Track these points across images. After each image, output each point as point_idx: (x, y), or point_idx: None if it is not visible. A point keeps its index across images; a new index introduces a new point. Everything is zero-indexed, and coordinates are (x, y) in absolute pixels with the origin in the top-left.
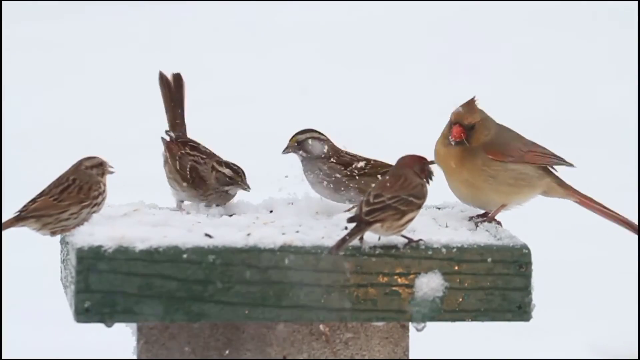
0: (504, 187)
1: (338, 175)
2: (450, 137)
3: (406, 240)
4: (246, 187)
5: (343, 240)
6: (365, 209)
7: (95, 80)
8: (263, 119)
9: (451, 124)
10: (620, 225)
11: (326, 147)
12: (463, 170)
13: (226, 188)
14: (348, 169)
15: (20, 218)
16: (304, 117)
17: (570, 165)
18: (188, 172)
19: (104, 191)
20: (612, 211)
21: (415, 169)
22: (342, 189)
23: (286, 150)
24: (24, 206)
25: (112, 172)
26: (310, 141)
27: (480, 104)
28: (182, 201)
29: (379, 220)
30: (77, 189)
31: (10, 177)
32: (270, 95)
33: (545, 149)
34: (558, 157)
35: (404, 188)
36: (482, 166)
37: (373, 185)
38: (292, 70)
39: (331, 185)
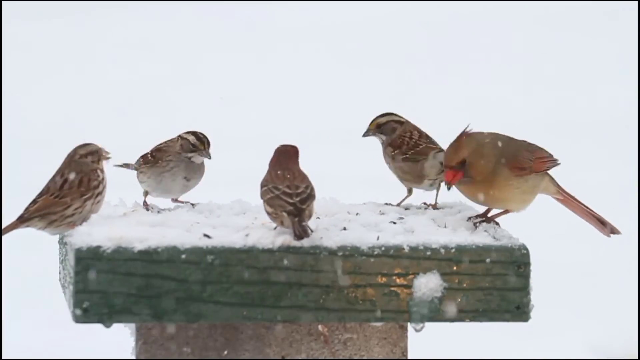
0: (526, 195)
1: (390, 157)
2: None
3: (310, 232)
4: (207, 155)
5: (302, 227)
6: (294, 199)
7: (95, 80)
8: (263, 119)
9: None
10: (595, 226)
11: (398, 130)
12: (494, 189)
13: (189, 155)
14: (395, 151)
15: (24, 220)
16: (304, 117)
17: (558, 164)
18: (149, 154)
19: (103, 179)
20: (592, 211)
21: (297, 161)
22: (392, 170)
23: (366, 134)
24: (25, 209)
25: (108, 158)
26: (392, 124)
27: (473, 129)
28: (147, 193)
29: (308, 208)
30: (77, 182)
31: (11, 177)
32: (270, 96)
33: (543, 149)
34: (553, 158)
35: (305, 178)
36: (508, 181)
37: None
38: (292, 71)
39: (391, 167)
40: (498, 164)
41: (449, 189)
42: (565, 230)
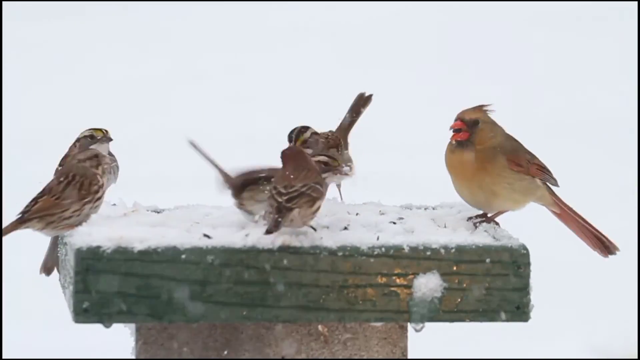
0: (517, 195)
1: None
2: (450, 132)
3: (314, 231)
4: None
5: (276, 222)
6: (282, 198)
7: (96, 80)
8: (263, 120)
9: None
10: (591, 246)
11: (320, 141)
12: (485, 175)
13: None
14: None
15: (24, 220)
16: (304, 118)
17: (556, 185)
18: None
19: (102, 184)
20: (591, 226)
21: (309, 160)
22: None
23: None
24: (26, 207)
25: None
26: (314, 137)
27: (491, 113)
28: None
29: (298, 206)
30: (78, 185)
31: (10, 177)
32: (270, 96)
33: (541, 161)
34: (551, 174)
35: (309, 178)
36: (501, 172)
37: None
38: (292, 70)
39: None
40: (499, 153)
41: (456, 143)
42: (565, 230)
